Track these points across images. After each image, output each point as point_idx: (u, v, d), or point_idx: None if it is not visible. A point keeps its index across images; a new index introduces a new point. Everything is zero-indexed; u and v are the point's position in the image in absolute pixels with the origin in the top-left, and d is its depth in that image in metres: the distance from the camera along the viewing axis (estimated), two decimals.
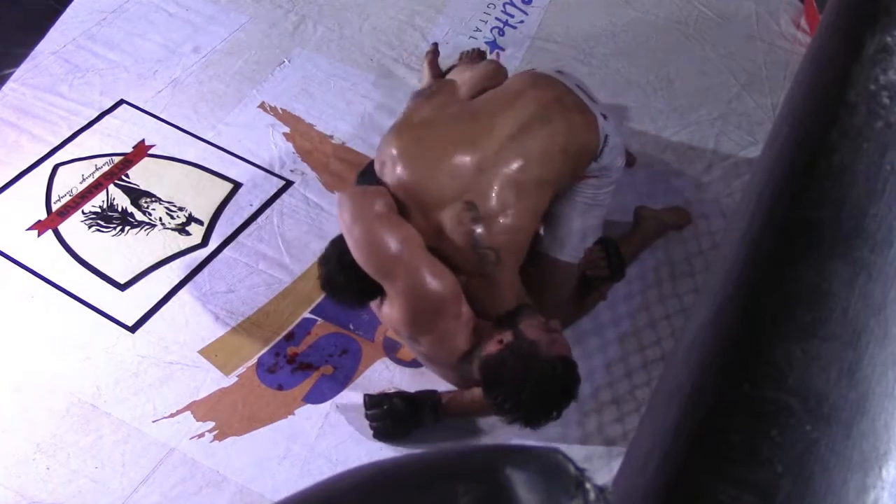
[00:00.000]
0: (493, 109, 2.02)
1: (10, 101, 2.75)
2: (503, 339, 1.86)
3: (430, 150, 1.95)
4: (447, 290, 1.88)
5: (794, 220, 0.75)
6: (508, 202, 1.91)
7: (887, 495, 0.63)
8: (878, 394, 0.65)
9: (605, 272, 2.16)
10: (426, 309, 1.89)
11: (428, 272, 1.87)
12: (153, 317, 2.26)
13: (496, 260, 1.90)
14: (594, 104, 2.10)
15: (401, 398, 2.00)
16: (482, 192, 1.90)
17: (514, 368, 1.82)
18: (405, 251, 1.88)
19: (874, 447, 0.64)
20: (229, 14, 3.04)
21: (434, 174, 1.92)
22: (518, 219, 1.93)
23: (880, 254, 0.70)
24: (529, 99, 2.02)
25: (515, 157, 1.94)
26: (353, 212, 1.94)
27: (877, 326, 0.67)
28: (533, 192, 1.95)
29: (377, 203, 1.92)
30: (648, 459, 0.70)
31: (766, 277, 0.74)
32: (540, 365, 1.81)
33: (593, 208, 2.12)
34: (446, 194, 1.91)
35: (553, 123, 1.99)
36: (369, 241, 1.90)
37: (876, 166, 0.73)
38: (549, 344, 1.84)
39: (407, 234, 1.89)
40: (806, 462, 0.63)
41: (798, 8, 2.98)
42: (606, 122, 2.07)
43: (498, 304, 1.93)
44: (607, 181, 2.11)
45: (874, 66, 0.78)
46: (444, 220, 1.90)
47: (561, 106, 2.03)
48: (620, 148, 2.13)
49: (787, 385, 0.66)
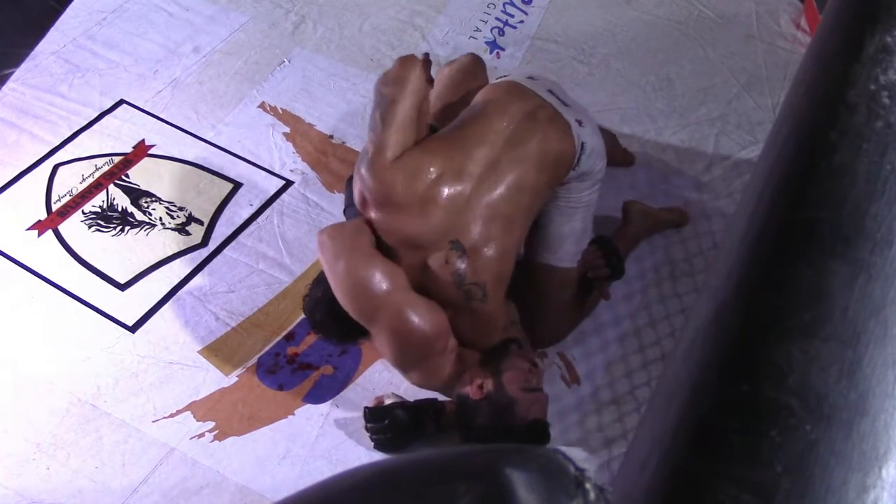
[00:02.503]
0: (468, 139, 1.95)
1: (10, 101, 2.75)
2: (484, 385, 1.86)
3: (410, 191, 1.87)
4: (432, 329, 1.85)
5: (794, 220, 0.75)
6: (492, 235, 1.88)
7: (887, 495, 0.63)
8: (878, 394, 0.65)
9: (605, 272, 2.15)
10: (412, 348, 1.87)
11: (412, 313, 1.83)
12: (153, 317, 2.26)
13: (482, 295, 1.88)
14: (568, 109, 2.04)
15: (402, 408, 1.99)
16: (465, 229, 1.87)
17: (489, 420, 1.83)
18: (388, 292, 1.84)
19: (874, 447, 0.64)
20: (229, 14, 3.04)
21: (418, 216, 1.87)
22: (503, 250, 1.90)
23: (880, 254, 0.70)
24: (503, 122, 1.96)
25: (494, 188, 1.89)
26: (334, 252, 1.89)
27: (877, 326, 0.67)
28: (515, 221, 1.93)
29: (360, 240, 1.88)
30: (648, 459, 0.70)
31: (766, 277, 0.74)
32: (514, 425, 1.82)
33: (578, 210, 2.09)
34: (432, 235, 1.86)
35: (529, 143, 1.94)
36: (350, 282, 1.86)
37: (876, 166, 0.73)
38: (527, 406, 1.85)
39: (390, 274, 1.85)
40: (806, 462, 0.63)
41: (798, 8, 2.98)
42: (582, 127, 2.02)
43: (486, 335, 1.92)
44: (589, 183, 2.09)
45: (874, 66, 0.78)
46: (430, 259, 1.87)
47: (534, 121, 1.98)
48: (599, 150, 2.08)
49: (787, 385, 0.66)
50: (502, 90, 2.07)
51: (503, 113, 1.98)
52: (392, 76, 1.97)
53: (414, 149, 1.91)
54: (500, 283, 1.92)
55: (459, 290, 1.87)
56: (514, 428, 1.82)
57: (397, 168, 1.88)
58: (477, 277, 1.87)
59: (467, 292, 1.87)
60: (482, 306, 1.89)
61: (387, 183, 1.88)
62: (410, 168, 1.88)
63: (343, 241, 1.90)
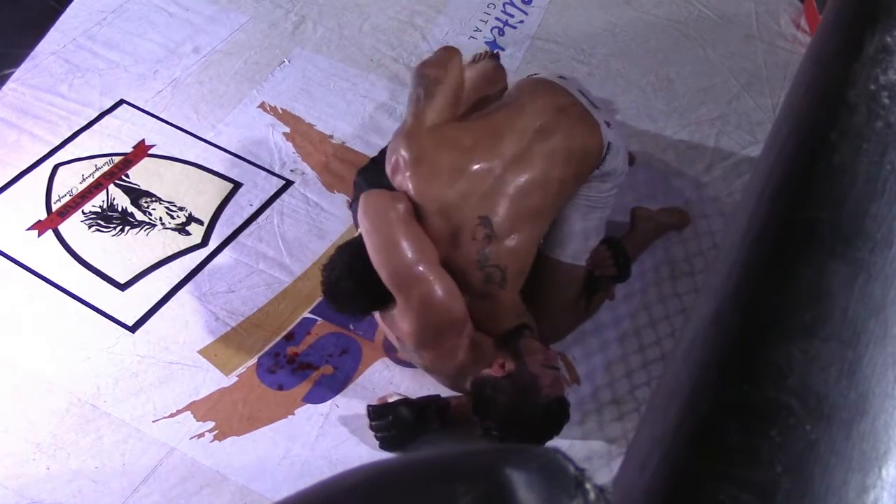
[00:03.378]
0: (503, 125, 2.00)
1: (10, 101, 2.75)
2: (505, 364, 1.87)
3: (446, 159, 1.93)
4: (458, 308, 1.88)
5: (794, 220, 0.75)
6: (520, 221, 1.91)
7: (887, 495, 0.63)
8: (878, 394, 0.65)
9: (612, 271, 2.17)
10: (435, 325, 1.88)
11: (442, 289, 1.86)
12: (153, 317, 2.26)
13: (501, 279, 1.90)
14: (597, 111, 2.09)
15: (405, 406, 1.99)
16: (495, 210, 1.90)
17: (511, 398, 1.83)
18: (423, 265, 1.86)
19: (874, 447, 0.64)
20: (229, 14, 3.04)
21: (452, 185, 1.90)
22: (526, 240, 1.94)
23: (880, 254, 0.70)
24: (535, 112, 2.01)
25: (524, 177, 1.93)
26: (377, 216, 1.91)
27: (876, 326, 0.67)
28: (541, 212, 1.97)
29: (400, 209, 1.90)
30: (648, 459, 0.70)
31: (766, 277, 0.74)
32: (538, 403, 1.83)
33: (594, 210, 2.12)
34: (463, 206, 1.90)
35: (558, 136, 1.98)
36: (391, 248, 1.88)
37: (876, 166, 0.73)
38: (549, 382, 1.86)
39: (426, 248, 1.88)
40: (806, 462, 0.63)
41: (798, 8, 2.98)
42: (609, 129, 2.06)
43: (498, 322, 1.94)
44: (609, 184, 2.11)
45: (874, 66, 0.77)
46: (459, 233, 1.90)
47: (566, 116, 2.02)
48: (623, 153, 2.13)
49: (787, 385, 0.66)
50: (534, 84, 2.13)
51: (534, 105, 2.03)
52: (436, 60, 2.12)
53: (451, 123, 1.99)
54: (520, 272, 1.95)
55: (481, 270, 1.89)
56: (539, 409, 1.83)
57: (433, 134, 1.95)
58: (499, 261, 1.89)
59: (488, 275, 1.90)
60: (499, 291, 1.91)
61: (422, 146, 1.94)
62: (446, 136, 1.96)
63: (385, 205, 1.92)
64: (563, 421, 1.89)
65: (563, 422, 1.89)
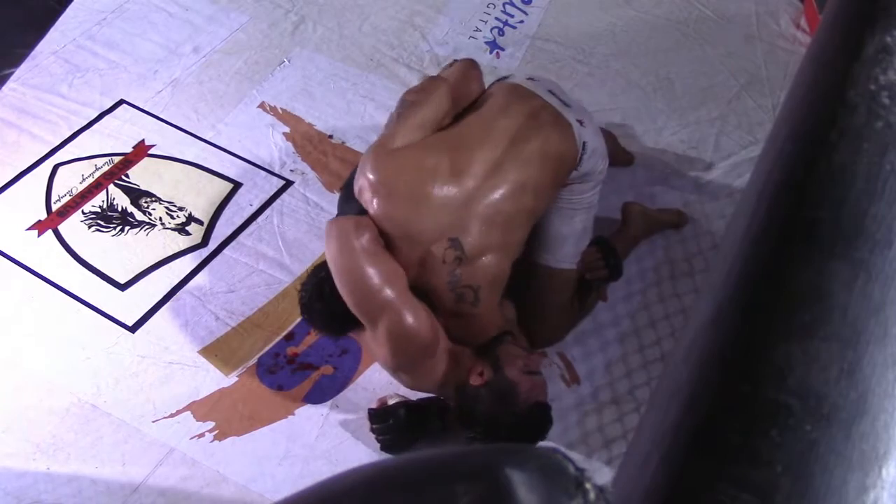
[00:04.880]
0: (473, 138, 1.95)
1: (10, 101, 2.76)
2: (483, 372, 1.87)
3: (411, 183, 1.87)
4: (426, 333, 1.84)
5: (794, 220, 0.75)
6: (492, 237, 1.87)
7: (887, 495, 0.63)
8: (878, 394, 0.65)
9: (603, 273, 2.16)
10: (406, 351, 1.86)
11: (409, 316, 1.82)
12: (153, 317, 2.26)
13: (474, 299, 1.87)
14: (569, 109, 2.04)
15: (405, 408, 1.99)
16: (465, 229, 1.85)
17: (491, 407, 1.83)
18: (389, 292, 1.82)
19: (874, 447, 0.64)
20: (229, 14, 3.04)
21: (418, 209, 1.86)
22: (501, 253, 1.89)
23: (880, 254, 0.70)
24: (506, 123, 1.96)
25: (497, 188, 1.88)
26: (340, 246, 1.87)
27: (876, 326, 0.67)
28: (516, 222, 1.92)
29: (364, 238, 1.84)
30: (648, 459, 0.70)
31: (766, 277, 0.74)
32: (517, 409, 1.83)
33: (578, 212, 2.09)
34: (431, 230, 1.85)
35: (531, 143, 1.93)
36: (354, 279, 1.84)
37: (876, 166, 0.73)
38: (528, 388, 1.85)
39: (392, 273, 1.83)
40: (806, 462, 0.63)
41: (798, 8, 2.98)
42: (583, 127, 2.02)
43: (476, 337, 1.93)
44: (590, 185, 2.08)
45: (874, 66, 0.77)
46: (428, 257, 1.85)
47: (536, 122, 1.97)
48: (601, 151, 2.08)
49: (786, 385, 0.66)
50: (504, 92, 2.07)
51: (505, 114, 1.98)
52: (420, 86, 2.07)
53: (417, 143, 1.92)
54: (494, 287, 1.91)
55: (453, 291, 1.86)
56: (517, 412, 1.82)
57: (398, 156, 1.89)
58: (471, 281, 1.86)
59: (460, 295, 1.86)
60: (472, 310, 1.88)
61: (386, 168, 1.88)
62: (410, 158, 1.89)
63: (348, 234, 1.87)
64: (545, 426, 1.88)
65: (545, 427, 1.89)
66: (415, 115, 1.96)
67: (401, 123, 1.95)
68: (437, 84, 2.04)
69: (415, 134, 1.93)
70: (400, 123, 1.95)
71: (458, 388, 1.90)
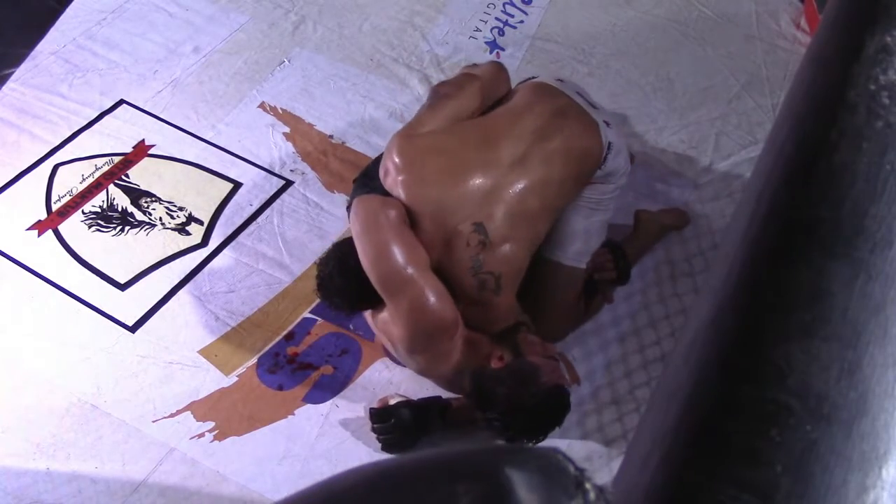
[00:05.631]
0: (500, 130, 1.98)
1: (10, 101, 2.76)
2: (503, 356, 1.87)
3: (438, 168, 1.91)
4: (448, 312, 1.86)
5: (794, 220, 0.75)
6: (515, 227, 1.90)
7: (887, 495, 0.63)
8: (878, 394, 0.65)
9: (612, 275, 2.17)
10: (426, 330, 1.88)
11: (432, 294, 1.85)
12: (153, 317, 2.26)
13: (495, 286, 1.89)
14: (596, 111, 2.08)
15: (407, 408, 1.99)
16: (491, 216, 1.88)
17: (512, 387, 1.83)
18: (413, 270, 1.85)
19: (874, 447, 0.64)
20: (229, 14, 3.04)
21: (446, 189, 1.89)
22: (522, 246, 1.92)
23: (880, 254, 0.70)
24: (534, 116, 2.00)
25: (522, 180, 1.92)
26: (367, 221, 1.90)
27: (877, 326, 0.67)
28: (539, 216, 1.95)
29: (392, 214, 1.88)
30: (648, 459, 0.70)
31: (766, 277, 0.74)
32: (538, 391, 1.82)
33: (596, 212, 2.11)
34: (458, 211, 1.88)
35: (557, 138, 1.97)
36: (380, 253, 1.87)
37: (876, 166, 0.73)
38: (548, 371, 1.86)
39: (416, 253, 1.86)
40: (806, 462, 0.63)
41: (798, 8, 2.98)
42: (609, 128, 2.05)
43: (494, 325, 1.94)
44: (612, 186, 2.10)
45: (874, 66, 0.77)
46: (452, 239, 1.88)
47: (563, 118, 2.01)
48: (624, 153, 2.12)
49: (787, 385, 0.66)
50: (532, 89, 2.11)
51: (532, 109, 2.02)
52: (454, 80, 2.13)
53: (444, 128, 1.98)
54: (515, 276, 1.94)
55: (475, 277, 1.88)
56: (541, 397, 1.82)
57: (426, 139, 1.95)
58: (493, 268, 1.88)
59: (482, 282, 1.89)
60: (493, 298, 1.90)
61: (413, 150, 1.93)
62: (439, 141, 1.95)
63: (375, 210, 1.91)
64: (565, 408, 1.88)
65: (565, 409, 1.88)
66: (445, 107, 2.01)
67: (430, 113, 2.00)
68: (471, 80, 2.09)
69: (443, 124, 1.99)
70: (429, 113, 2.00)
71: (476, 372, 1.89)
